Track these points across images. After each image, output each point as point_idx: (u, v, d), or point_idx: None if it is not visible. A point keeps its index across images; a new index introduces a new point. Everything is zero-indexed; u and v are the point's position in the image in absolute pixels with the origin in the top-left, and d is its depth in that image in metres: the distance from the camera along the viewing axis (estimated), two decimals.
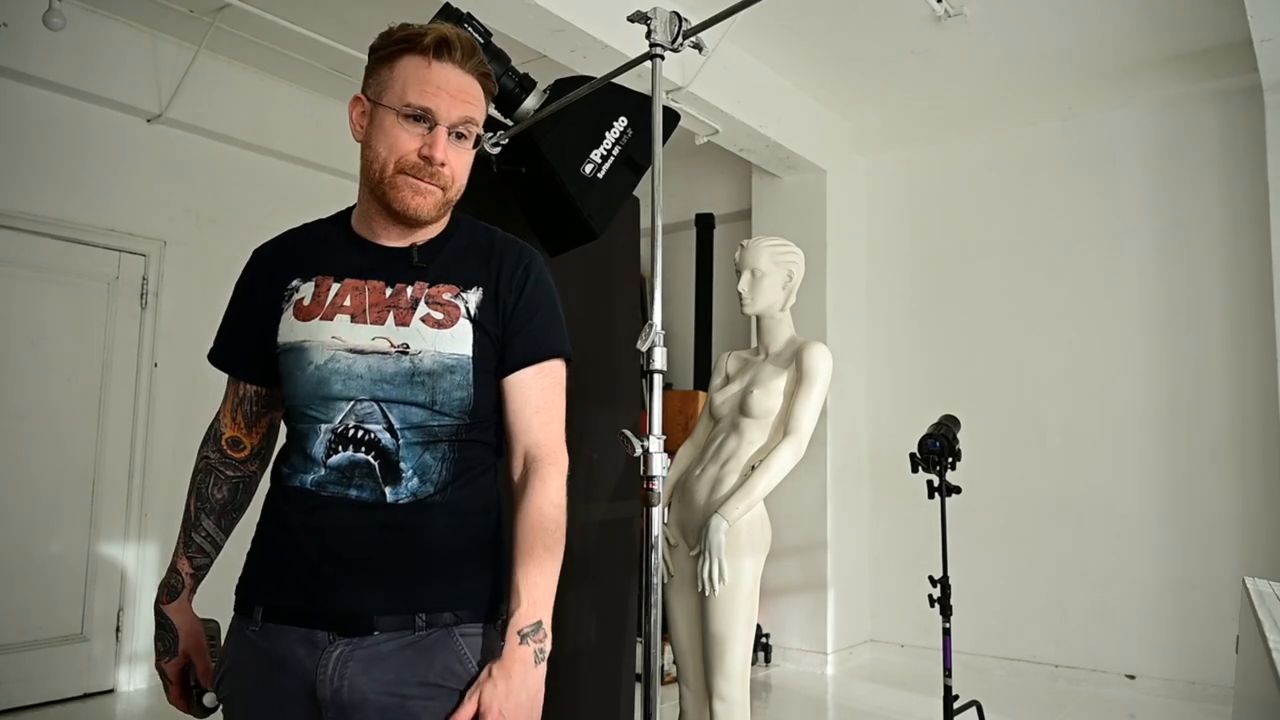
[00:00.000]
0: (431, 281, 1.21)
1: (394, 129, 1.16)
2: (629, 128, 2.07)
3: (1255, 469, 4.05)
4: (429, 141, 1.15)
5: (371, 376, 1.15)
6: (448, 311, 1.19)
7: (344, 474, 1.15)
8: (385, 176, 1.16)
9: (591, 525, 2.47)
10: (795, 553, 4.77)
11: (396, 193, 1.17)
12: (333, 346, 1.16)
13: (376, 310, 1.18)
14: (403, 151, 1.16)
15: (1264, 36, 3.52)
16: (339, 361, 1.15)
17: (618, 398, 2.59)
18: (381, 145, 1.17)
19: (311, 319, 1.18)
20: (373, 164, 1.18)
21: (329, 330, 1.17)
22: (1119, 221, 4.50)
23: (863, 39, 4.18)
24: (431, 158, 1.15)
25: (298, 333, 1.18)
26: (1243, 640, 1.32)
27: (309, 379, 1.16)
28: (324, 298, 1.19)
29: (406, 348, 1.16)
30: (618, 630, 2.52)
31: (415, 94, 1.15)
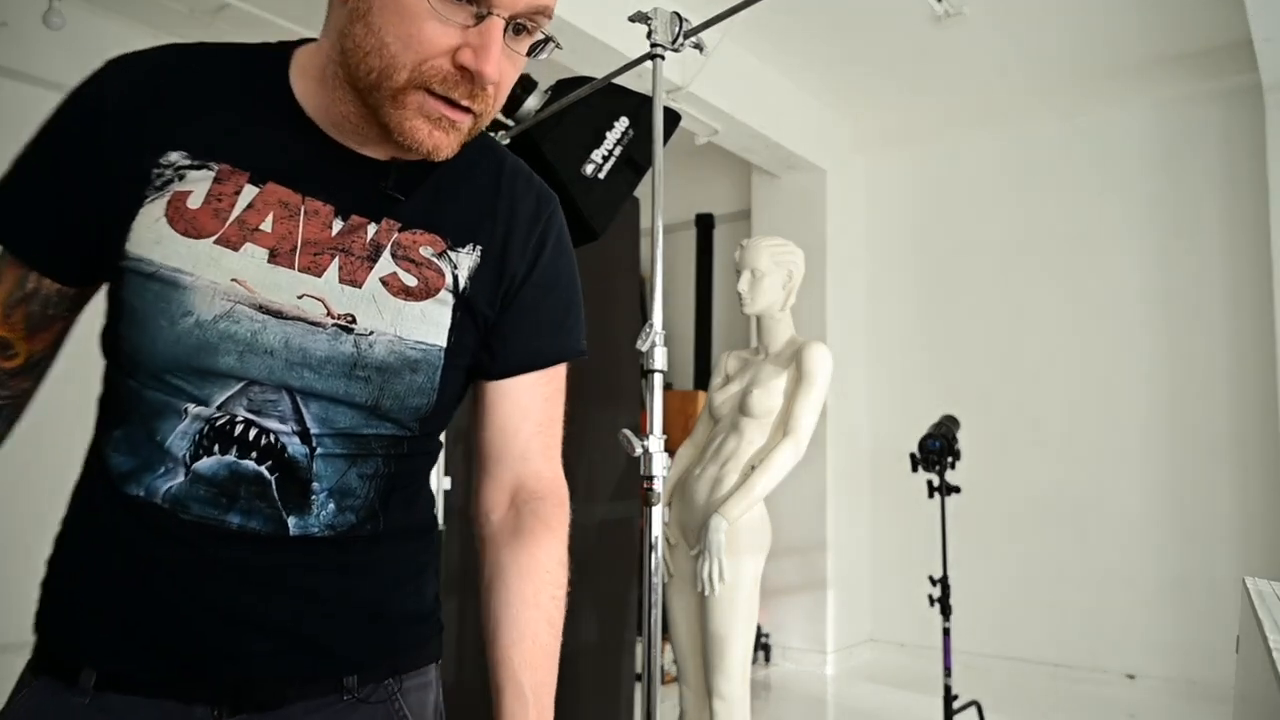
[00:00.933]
0: (407, 223, 0.79)
1: (417, 8, 0.69)
2: (630, 128, 2.07)
3: (1255, 469, 4.05)
4: (477, 43, 0.70)
5: (288, 356, 0.73)
6: (424, 275, 0.79)
7: (220, 490, 0.74)
8: (388, 87, 0.71)
9: (591, 525, 2.47)
10: (795, 552, 4.77)
11: (403, 118, 0.72)
12: (231, 295, 0.72)
13: (313, 250, 0.75)
14: (428, 51, 0.70)
15: (1264, 36, 3.52)
16: (238, 322, 0.72)
17: (618, 398, 2.59)
18: (390, 31, 0.70)
19: (201, 236, 0.72)
20: (367, 58, 0.71)
21: (231, 265, 0.72)
22: (1119, 221, 4.50)
23: (863, 39, 4.18)
24: (481, 73, 0.70)
25: (172, 253, 0.72)
26: (1243, 640, 1.32)
27: (180, 336, 0.72)
28: (227, 205, 0.73)
29: (352, 321, 0.75)
30: (618, 630, 2.52)
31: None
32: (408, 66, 0.71)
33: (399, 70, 0.71)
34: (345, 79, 0.74)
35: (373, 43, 0.71)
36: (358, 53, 0.72)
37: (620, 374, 2.60)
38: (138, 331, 0.73)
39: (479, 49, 0.70)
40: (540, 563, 0.92)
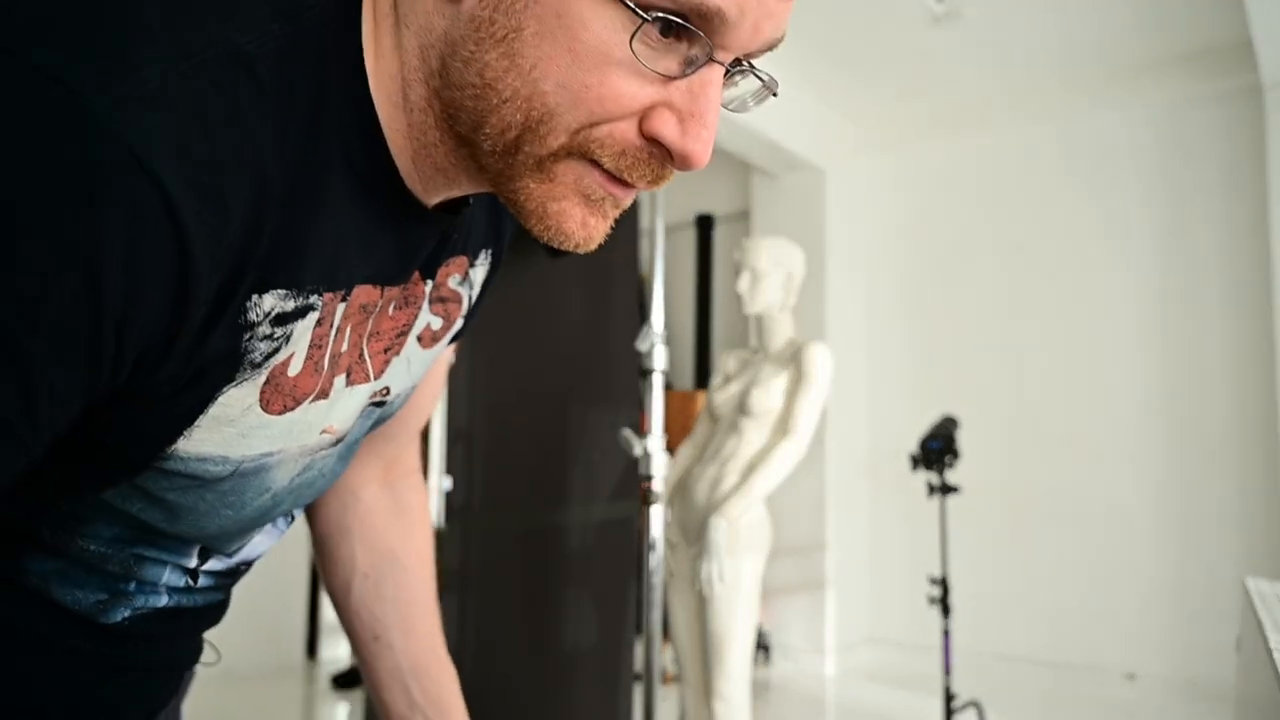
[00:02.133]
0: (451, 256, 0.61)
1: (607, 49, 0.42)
2: None
3: (1255, 469, 4.05)
4: (687, 107, 0.45)
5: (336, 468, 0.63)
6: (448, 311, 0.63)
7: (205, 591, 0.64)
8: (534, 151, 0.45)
9: (591, 525, 2.47)
10: (795, 552, 4.77)
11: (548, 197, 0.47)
12: (317, 447, 0.56)
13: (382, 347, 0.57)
14: (613, 111, 0.44)
15: (1264, 36, 3.52)
16: (311, 469, 0.58)
17: (618, 398, 2.59)
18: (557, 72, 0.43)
19: (299, 405, 0.51)
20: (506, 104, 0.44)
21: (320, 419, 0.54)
22: (1119, 221, 4.50)
23: (863, 39, 4.18)
24: (687, 155, 0.45)
25: (264, 439, 0.51)
26: (1243, 640, 1.32)
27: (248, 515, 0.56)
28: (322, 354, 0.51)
29: (386, 393, 0.61)
30: (618, 630, 2.52)
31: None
32: (571, 129, 0.44)
33: (556, 132, 0.44)
34: (445, 122, 0.47)
35: (518, 85, 0.43)
36: (488, 93, 0.44)
37: (620, 374, 2.60)
38: (177, 522, 0.53)
39: (690, 115, 0.44)
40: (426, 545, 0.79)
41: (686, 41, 0.43)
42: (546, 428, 2.38)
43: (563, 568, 2.40)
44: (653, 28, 0.42)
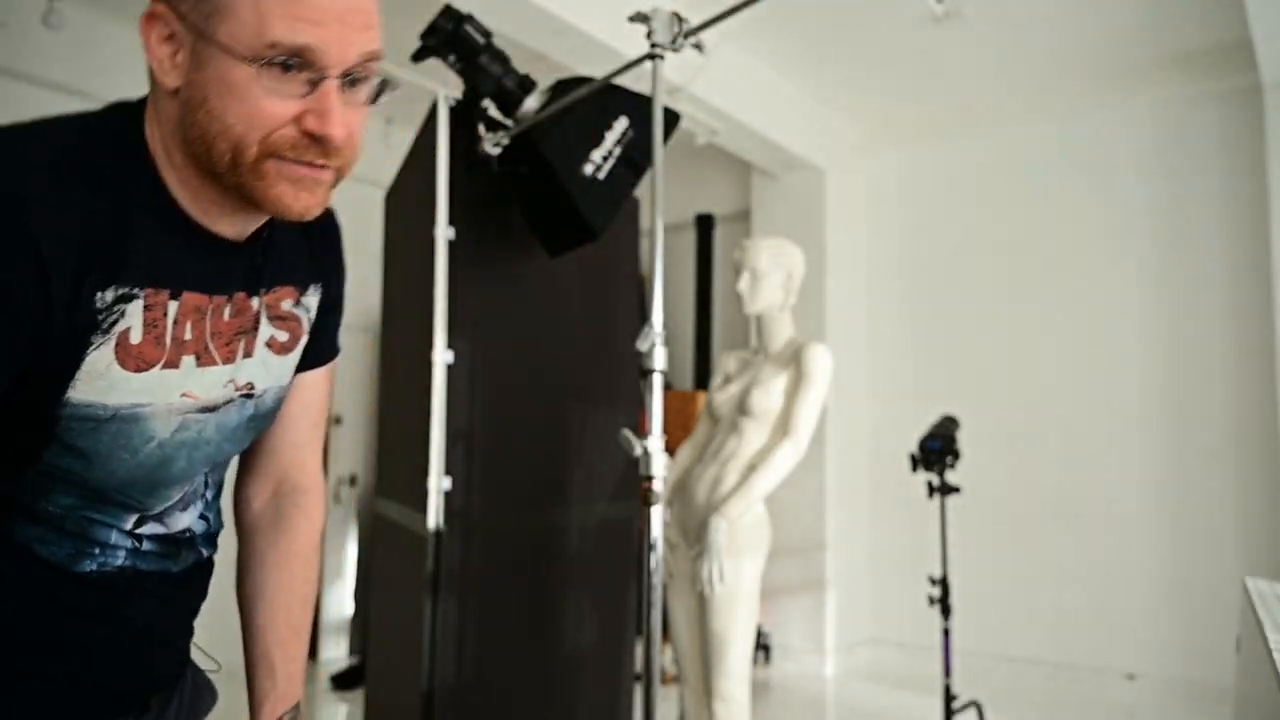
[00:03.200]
0: (268, 285, 0.84)
1: (249, 89, 0.68)
2: (629, 128, 2.07)
3: (1255, 469, 4.05)
4: (316, 109, 0.70)
5: (219, 438, 0.82)
6: (291, 329, 0.87)
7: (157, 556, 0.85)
8: (244, 163, 0.71)
9: (591, 525, 2.47)
10: (795, 553, 4.77)
11: (267, 189, 0.72)
12: (182, 409, 0.77)
13: (224, 341, 0.80)
14: (271, 125, 0.70)
15: (1264, 36, 3.52)
16: (188, 429, 0.78)
17: (618, 398, 2.59)
18: (232, 113, 0.69)
19: (150, 367, 0.73)
20: (216, 141, 0.70)
21: (177, 384, 0.76)
22: (1119, 221, 4.50)
23: (863, 39, 4.18)
24: (326, 137, 0.71)
25: (128, 391, 0.73)
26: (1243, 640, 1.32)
27: (143, 461, 0.76)
28: (161, 330, 0.74)
29: (252, 389, 0.84)
30: (618, 630, 2.52)
31: (284, 25, 0.67)
32: (255, 142, 0.70)
33: (249, 147, 0.71)
34: (198, 167, 0.74)
35: (217, 128, 0.70)
36: (205, 139, 0.71)
37: (620, 374, 2.60)
38: (92, 467, 0.75)
39: (320, 114, 0.71)
40: (298, 551, 0.97)
41: (305, 70, 0.69)
42: (546, 428, 2.38)
43: (563, 568, 2.40)
44: (272, 69, 0.68)
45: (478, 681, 2.14)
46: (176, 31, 0.70)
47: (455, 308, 2.05)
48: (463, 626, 2.11)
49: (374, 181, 4.81)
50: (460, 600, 2.09)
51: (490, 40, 2.01)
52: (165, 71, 0.72)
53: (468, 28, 1.98)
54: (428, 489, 1.99)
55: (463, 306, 2.08)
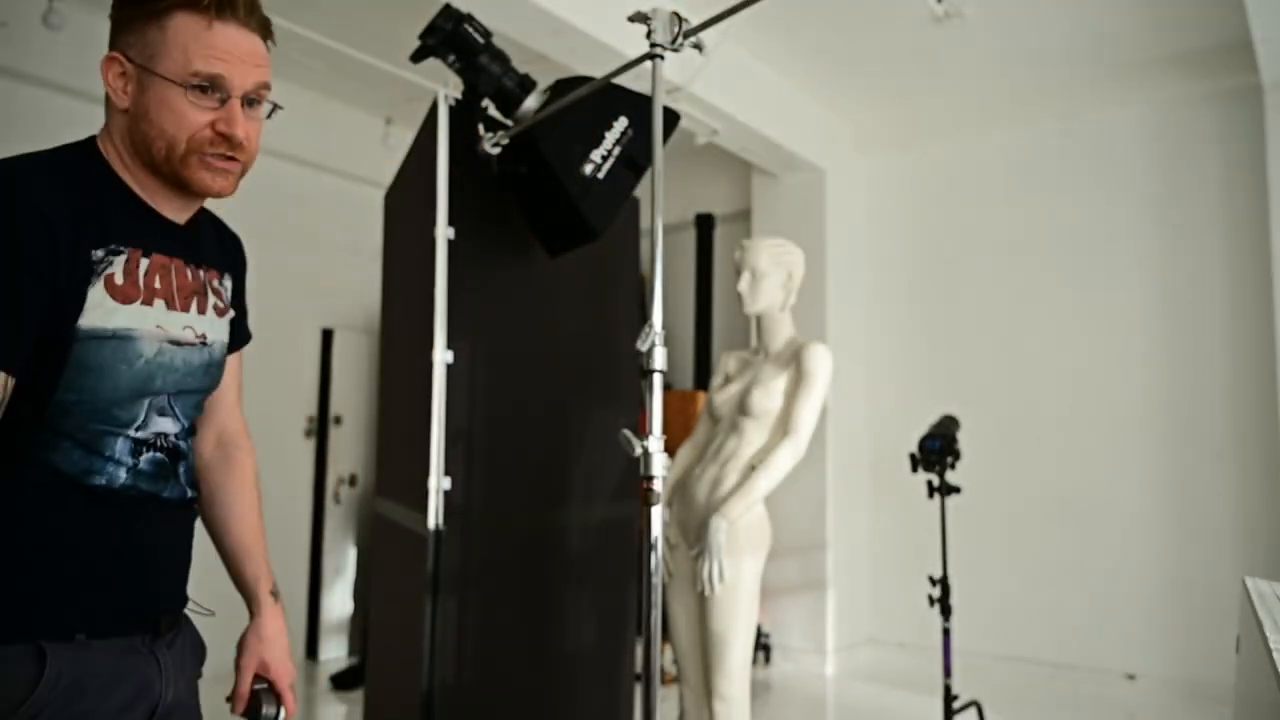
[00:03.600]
0: (206, 264, 1.15)
1: (179, 103, 1.01)
2: (629, 128, 2.07)
3: (1255, 469, 4.05)
4: (225, 117, 1.03)
5: (184, 370, 1.08)
6: (222, 299, 1.18)
7: (154, 476, 1.07)
8: (176, 156, 1.03)
9: (591, 525, 2.47)
10: (795, 552, 4.77)
11: (192, 174, 1.04)
12: (158, 337, 1.04)
13: (184, 295, 1.08)
14: (194, 128, 1.02)
15: (1264, 36, 3.52)
16: (163, 354, 1.04)
17: (618, 398, 2.59)
18: (167, 121, 1.01)
19: (131, 302, 1.01)
20: (155, 141, 1.02)
21: (152, 317, 1.03)
22: (1119, 221, 4.50)
23: (863, 39, 4.18)
24: (232, 135, 1.03)
25: (118, 318, 1.00)
26: (1243, 640, 1.32)
27: (135, 375, 1.02)
28: (136, 276, 1.02)
29: (204, 338, 1.11)
30: (618, 630, 2.52)
31: (202, 61, 1.01)
32: (183, 140, 1.03)
33: (178, 144, 1.03)
34: (143, 162, 1.05)
35: (156, 131, 1.03)
36: (147, 140, 1.03)
37: (620, 374, 2.60)
38: (99, 379, 1.00)
39: (228, 120, 1.04)
40: (248, 479, 1.31)
41: (217, 92, 1.03)
42: (546, 428, 2.38)
43: (563, 568, 2.40)
44: (194, 90, 1.01)
45: (478, 681, 2.14)
46: (127, 69, 1.04)
47: (455, 308, 2.05)
48: (463, 626, 2.10)
49: (374, 181, 4.81)
50: (460, 600, 2.09)
51: (490, 40, 2.01)
52: (119, 97, 1.05)
53: (467, 27, 1.98)
54: (428, 489, 1.99)
55: (463, 306, 2.08)
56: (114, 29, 1.06)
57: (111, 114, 1.07)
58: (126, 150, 1.06)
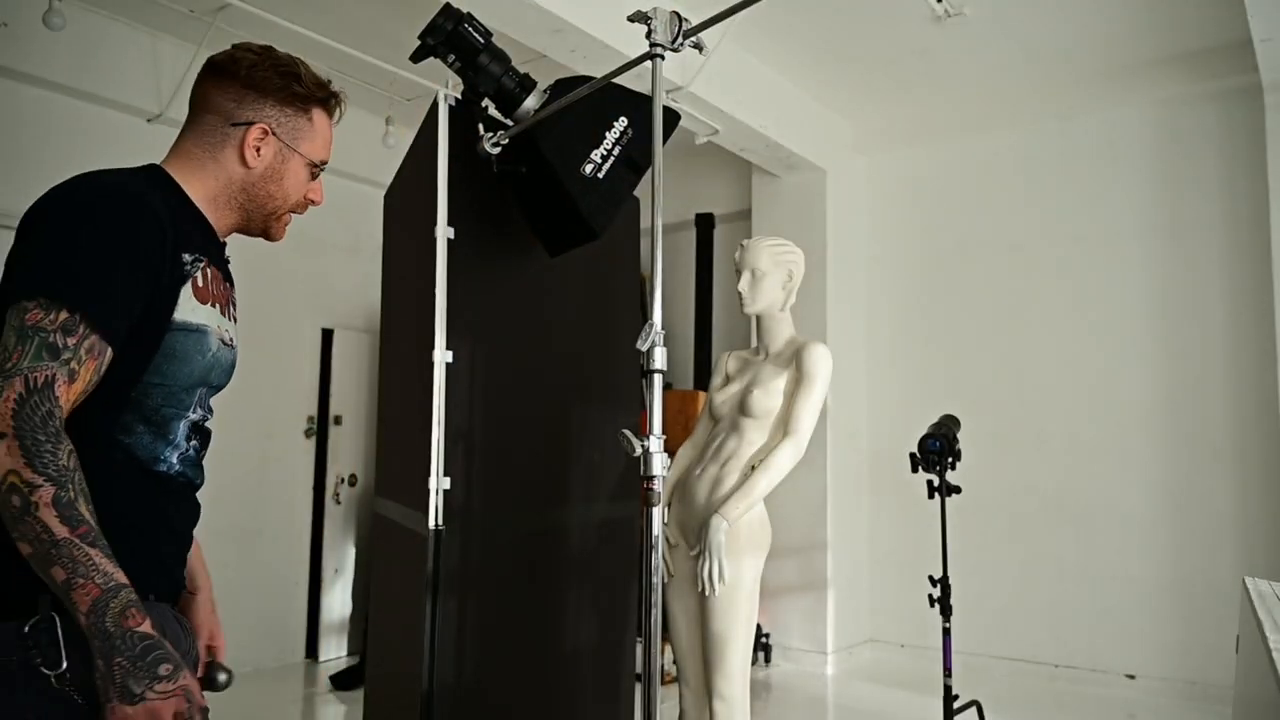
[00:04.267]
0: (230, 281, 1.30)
1: (302, 176, 1.29)
2: (629, 128, 2.07)
3: (1255, 469, 4.05)
4: (315, 189, 1.32)
5: (223, 368, 1.23)
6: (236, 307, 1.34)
7: (193, 463, 1.22)
8: (278, 212, 1.29)
9: (591, 525, 2.47)
10: (795, 553, 4.77)
11: (276, 227, 1.31)
12: (219, 336, 1.19)
13: (226, 302, 1.24)
14: (297, 196, 1.29)
15: (1264, 36, 3.52)
16: (220, 352, 1.19)
17: (618, 398, 2.59)
18: (290, 188, 1.28)
19: (206, 303, 1.17)
20: (272, 199, 1.27)
21: (215, 319, 1.19)
22: (1119, 221, 4.50)
23: (863, 39, 4.19)
24: (316, 203, 1.33)
25: (199, 315, 1.15)
26: (1243, 640, 1.32)
27: (205, 365, 1.17)
28: (206, 283, 1.18)
29: (234, 341, 1.26)
30: (618, 630, 2.52)
31: (325, 151, 1.32)
32: (290, 203, 1.30)
33: (286, 205, 1.30)
34: (238, 205, 1.26)
35: (278, 192, 1.27)
36: (263, 196, 1.27)
37: (620, 374, 2.60)
38: (179, 365, 1.14)
39: (317, 192, 1.33)
40: None
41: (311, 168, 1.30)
42: (546, 428, 2.38)
43: (563, 568, 2.39)
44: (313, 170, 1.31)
45: (478, 681, 2.14)
46: (270, 138, 1.24)
47: (455, 308, 2.05)
48: (463, 626, 2.10)
49: (374, 181, 4.81)
50: (460, 600, 2.09)
51: (490, 39, 2.01)
52: (251, 157, 1.23)
53: (467, 27, 1.98)
54: (428, 489, 1.99)
55: (463, 306, 2.08)
56: (254, 101, 1.23)
57: (219, 162, 1.23)
58: (222, 192, 1.24)
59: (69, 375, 0.99)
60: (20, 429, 0.94)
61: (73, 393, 1.00)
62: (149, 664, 0.95)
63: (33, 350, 0.97)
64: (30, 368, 0.96)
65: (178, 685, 0.96)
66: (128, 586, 0.97)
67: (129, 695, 0.93)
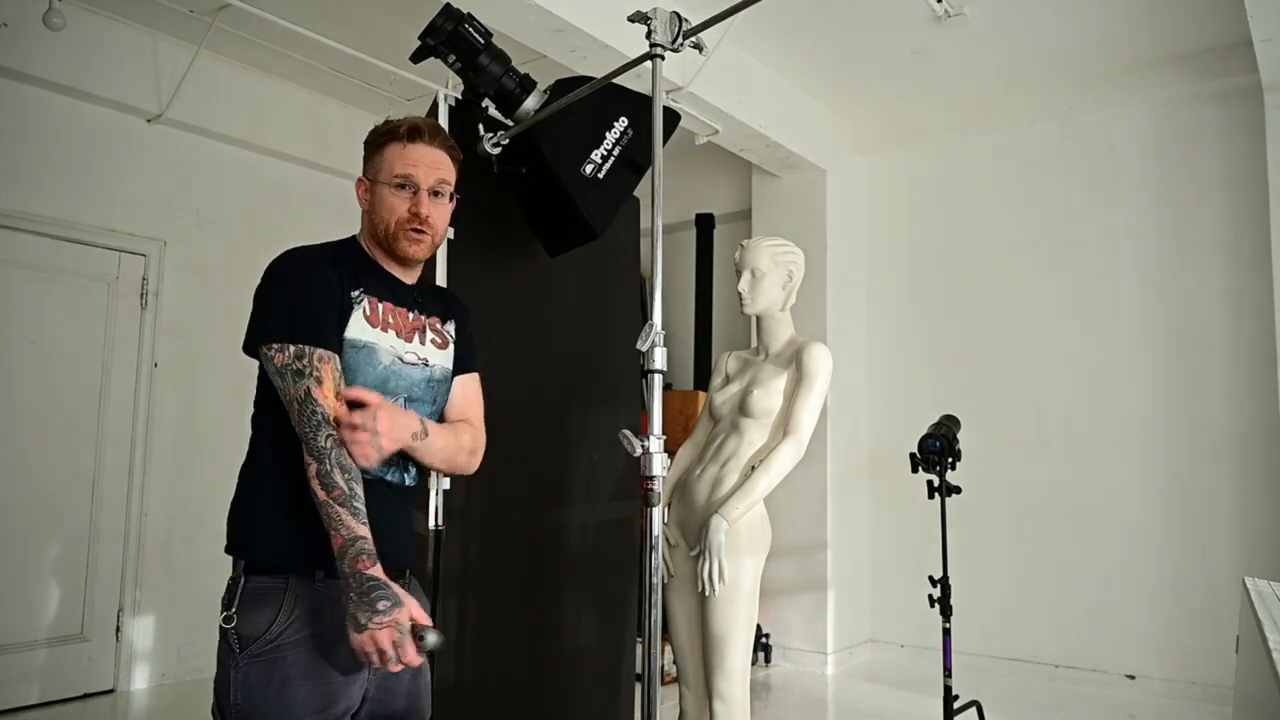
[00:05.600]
0: (429, 314, 1.60)
1: (389, 197, 1.52)
2: (629, 128, 2.07)
3: (1255, 469, 4.05)
4: (415, 201, 1.52)
5: (409, 381, 1.52)
6: (442, 336, 1.62)
7: (385, 462, 1.42)
8: (390, 232, 1.52)
9: (591, 525, 2.47)
10: (795, 553, 4.77)
11: (398, 244, 1.52)
12: (391, 353, 1.49)
13: (409, 331, 1.54)
14: (399, 213, 1.51)
15: (1264, 36, 3.52)
16: (395, 365, 1.50)
17: (618, 398, 2.59)
18: (383, 210, 1.52)
19: (375, 327, 1.48)
20: (378, 226, 1.53)
21: (388, 340, 1.50)
22: (1119, 221, 4.50)
23: (863, 39, 4.19)
24: (418, 214, 1.52)
25: (368, 334, 1.47)
26: (1243, 640, 1.32)
27: (377, 375, 1.46)
28: (377, 313, 1.50)
29: (425, 361, 1.55)
30: (618, 630, 2.52)
31: (400, 167, 1.52)
32: (392, 222, 1.52)
33: (390, 224, 1.52)
34: (378, 243, 1.56)
35: (379, 219, 1.54)
36: (375, 225, 1.55)
37: (620, 374, 2.60)
38: (353, 375, 1.43)
39: (416, 203, 1.52)
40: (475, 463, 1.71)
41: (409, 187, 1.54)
42: (546, 428, 2.38)
43: (563, 568, 2.39)
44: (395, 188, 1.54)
45: (478, 681, 2.14)
46: (366, 185, 1.56)
47: None
48: (463, 626, 2.11)
49: None
50: (460, 600, 2.10)
51: (490, 40, 2.01)
52: (362, 203, 1.57)
53: (467, 27, 1.98)
54: (428, 489, 1.99)
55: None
56: (364, 164, 1.58)
57: (363, 216, 1.58)
58: (370, 237, 1.56)
59: (317, 382, 1.37)
60: (304, 432, 1.34)
61: (326, 391, 1.36)
62: (371, 600, 1.23)
63: (290, 379, 1.37)
64: (295, 391, 1.36)
65: (391, 618, 1.23)
66: (365, 539, 1.28)
67: (357, 625, 1.22)
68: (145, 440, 4.13)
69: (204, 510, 4.08)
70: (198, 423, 4.26)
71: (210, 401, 4.30)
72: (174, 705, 3.89)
